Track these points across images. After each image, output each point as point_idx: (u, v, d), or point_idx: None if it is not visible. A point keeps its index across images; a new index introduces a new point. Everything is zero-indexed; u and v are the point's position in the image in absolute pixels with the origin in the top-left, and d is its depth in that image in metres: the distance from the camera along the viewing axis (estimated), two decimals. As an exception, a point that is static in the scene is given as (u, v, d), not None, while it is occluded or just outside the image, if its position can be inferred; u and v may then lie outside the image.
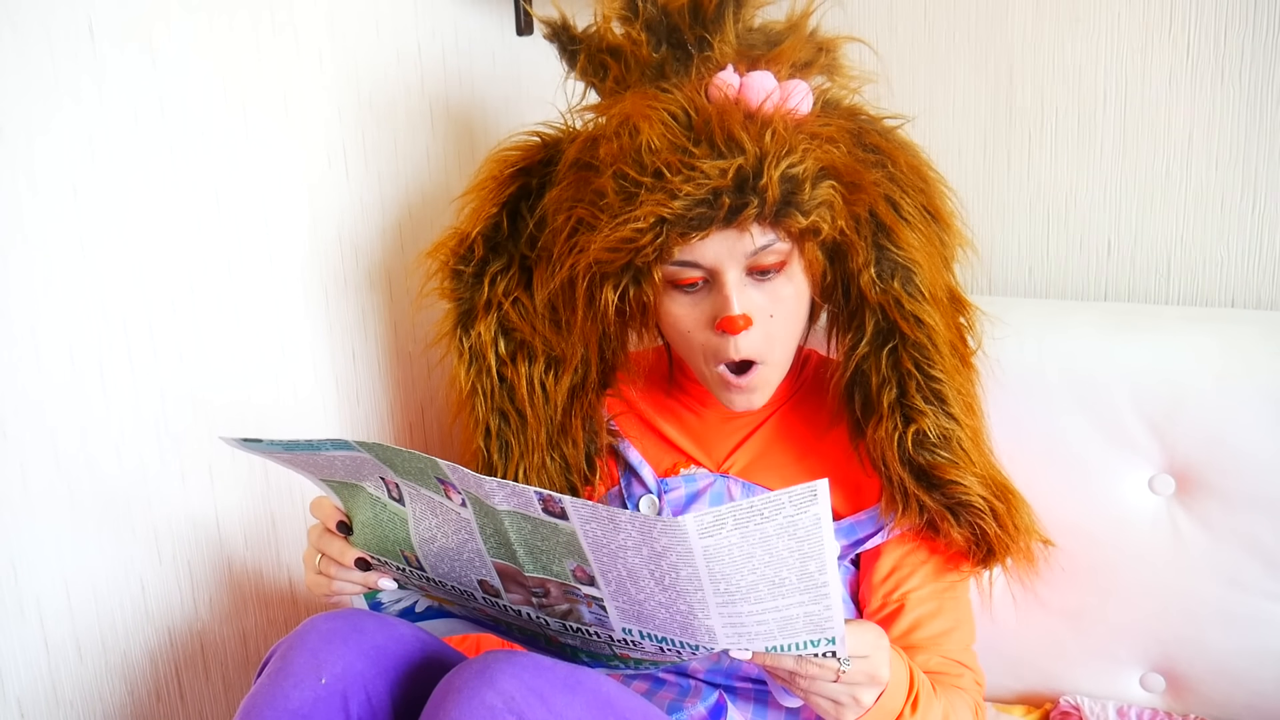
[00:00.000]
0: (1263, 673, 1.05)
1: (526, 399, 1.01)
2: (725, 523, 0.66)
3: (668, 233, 0.86)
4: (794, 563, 0.68)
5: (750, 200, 0.85)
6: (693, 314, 0.93)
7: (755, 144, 0.86)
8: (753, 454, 1.03)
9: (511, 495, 0.71)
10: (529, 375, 1.01)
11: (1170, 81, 1.19)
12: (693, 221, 0.86)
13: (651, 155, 0.87)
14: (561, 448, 1.03)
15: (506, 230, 1.03)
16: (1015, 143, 1.28)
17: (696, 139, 0.86)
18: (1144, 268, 1.24)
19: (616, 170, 0.89)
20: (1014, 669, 1.15)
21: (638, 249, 0.88)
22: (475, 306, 1.03)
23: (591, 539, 0.70)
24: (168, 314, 1.02)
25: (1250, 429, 1.02)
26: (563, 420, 1.02)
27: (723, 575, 0.68)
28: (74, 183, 0.94)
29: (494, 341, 1.02)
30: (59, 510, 0.96)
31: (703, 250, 0.89)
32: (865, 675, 0.77)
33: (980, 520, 0.94)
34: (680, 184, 0.85)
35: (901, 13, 1.30)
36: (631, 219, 0.87)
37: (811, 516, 0.65)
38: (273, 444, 0.79)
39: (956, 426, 0.93)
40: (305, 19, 1.10)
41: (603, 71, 0.99)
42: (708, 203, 0.85)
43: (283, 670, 0.81)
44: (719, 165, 0.85)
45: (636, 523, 0.67)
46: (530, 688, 0.72)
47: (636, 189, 0.87)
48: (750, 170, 0.85)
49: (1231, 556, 1.04)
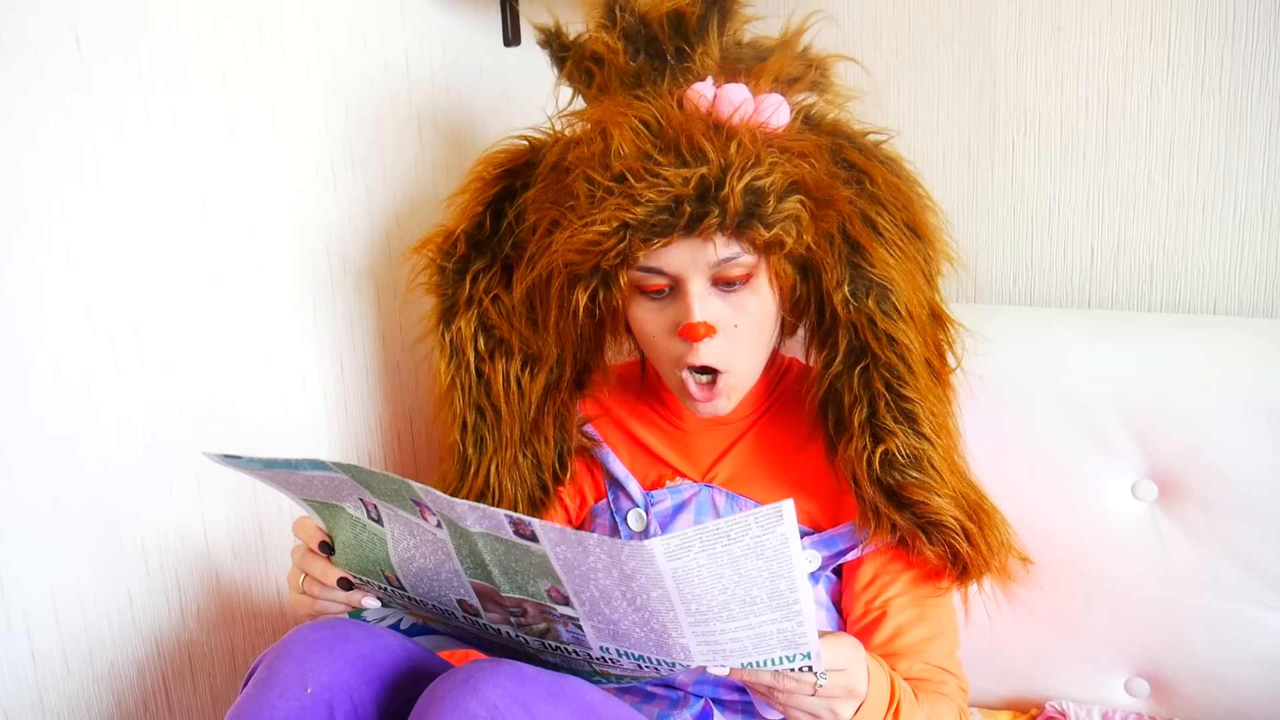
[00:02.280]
0: (1246, 677, 1.05)
1: (502, 395, 1.03)
2: (692, 545, 0.66)
3: (630, 238, 0.87)
4: (764, 582, 0.68)
5: (711, 210, 0.86)
6: (657, 319, 0.94)
7: (719, 154, 0.86)
8: (736, 465, 1.03)
9: (483, 518, 0.71)
10: (505, 372, 1.03)
11: (1151, 90, 1.20)
12: (654, 228, 0.87)
13: (618, 160, 0.88)
14: (534, 445, 1.04)
15: (490, 229, 1.05)
16: (998, 151, 1.28)
17: (663, 147, 0.87)
18: (1127, 274, 1.25)
19: (584, 174, 0.90)
20: (999, 674, 1.16)
21: (602, 252, 0.89)
22: (457, 302, 1.04)
23: (562, 561, 0.71)
24: (155, 325, 1.03)
25: (1232, 435, 1.03)
26: (536, 418, 1.03)
27: (693, 596, 0.69)
28: (61, 194, 0.94)
29: (474, 337, 1.03)
30: (46, 520, 0.96)
31: (667, 257, 0.89)
32: (842, 688, 0.77)
33: (952, 540, 0.94)
34: (643, 190, 0.86)
35: (885, 23, 1.31)
36: (595, 222, 0.88)
37: (779, 536, 0.65)
38: (252, 461, 0.80)
39: (928, 446, 0.93)
40: (293, 29, 1.11)
41: (588, 78, 1.00)
42: (669, 210, 0.86)
43: (268, 680, 0.81)
44: (682, 173, 0.86)
45: (604, 546, 0.68)
46: (514, 696, 0.72)
47: (601, 193, 0.88)
48: (713, 180, 0.86)
49: (1214, 562, 1.05)
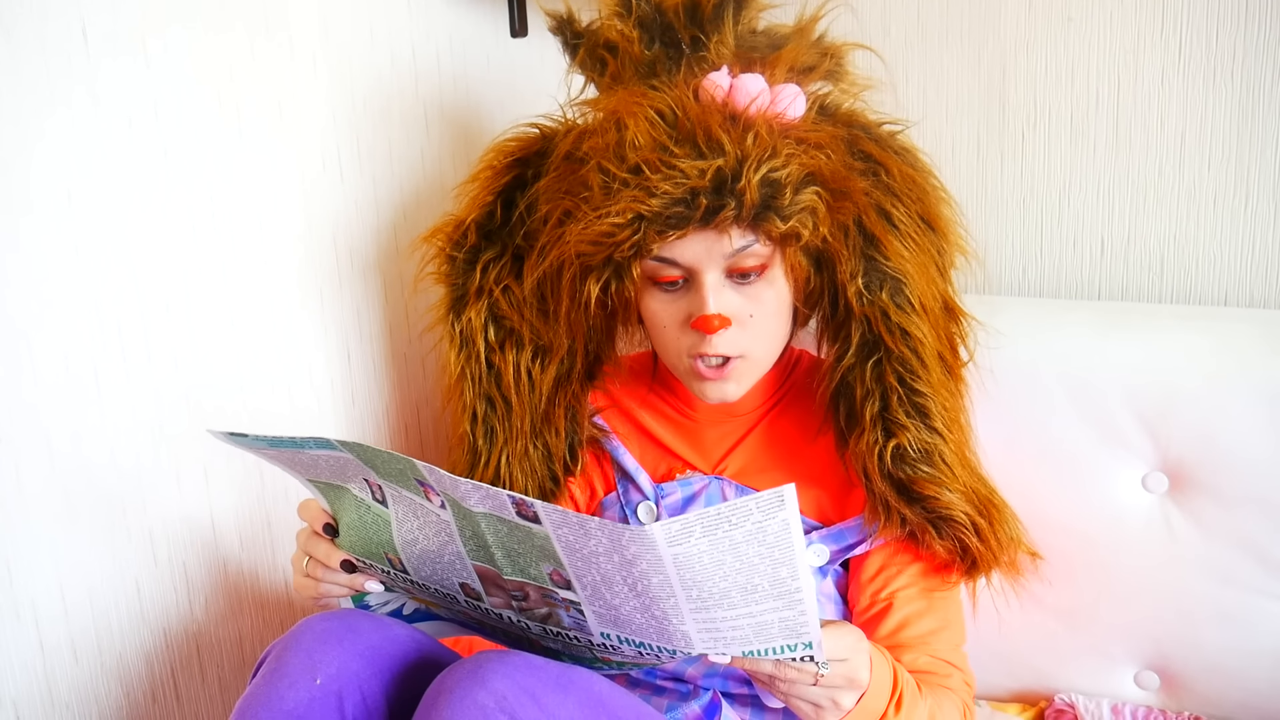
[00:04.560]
0: (1256, 670, 1.05)
1: (513, 386, 1.02)
2: (693, 530, 0.66)
3: (645, 230, 0.87)
4: (765, 569, 0.67)
5: (728, 202, 0.85)
6: (670, 310, 0.93)
7: (736, 146, 0.85)
8: (746, 457, 1.03)
9: (486, 497, 0.71)
10: (516, 362, 1.02)
11: (1162, 81, 1.19)
12: (670, 220, 0.86)
13: (634, 152, 0.87)
14: (545, 436, 1.03)
15: (500, 218, 1.04)
16: (1009, 142, 1.28)
17: (679, 138, 0.86)
18: (1137, 266, 1.25)
19: (599, 165, 0.89)
20: (1008, 667, 1.15)
21: (616, 244, 0.88)
22: (467, 292, 1.03)
23: (564, 543, 0.70)
24: (162, 317, 1.03)
25: (1243, 427, 1.02)
26: (547, 409, 1.02)
27: (694, 582, 0.68)
28: (68, 187, 0.94)
29: (484, 328, 1.02)
30: (54, 512, 0.97)
31: (681, 249, 0.89)
32: (844, 678, 0.77)
33: (962, 535, 0.94)
34: (659, 182, 0.85)
35: (895, 14, 1.30)
36: (609, 214, 0.87)
37: (780, 522, 0.65)
38: (258, 439, 0.80)
39: (939, 441, 0.93)
40: (299, 22, 1.10)
41: (600, 66, 0.99)
42: (685, 202, 0.85)
43: (277, 671, 0.81)
44: (698, 165, 0.85)
45: (605, 530, 0.67)
46: (522, 687, 0.72)
47: (617, 184, 0.87)
48: (729, 172, 0.85)
49: (1225, 554, 1.04)
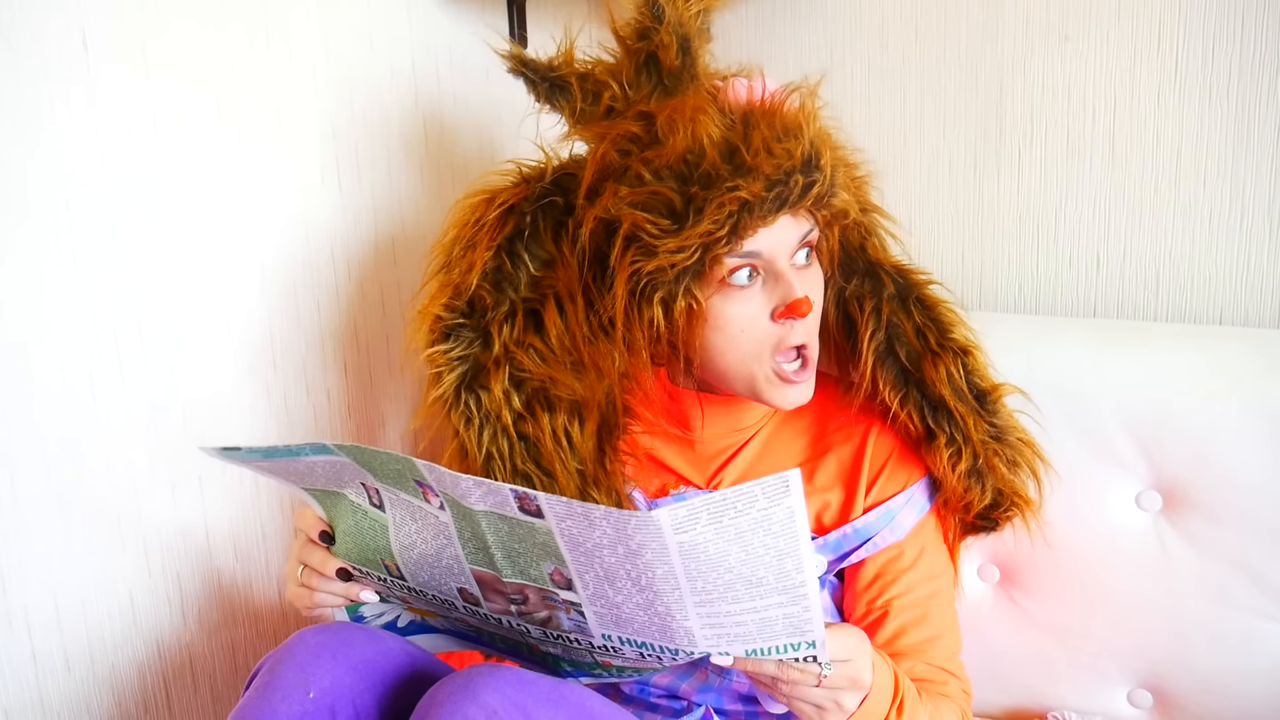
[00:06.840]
0: (1250, 689, 1.05)
1: (554, 453, 0.93)
2: (699, 517, 0.66)
3: (744, 217, 0.87)
4: (770, 560, 0.67)
5: (816, 178, 0.89)
6: (748, 309, 0.91)
7: (809, 125, 0.90)
8: (742, 468, 1.03)
9: (488, 494, 0.71)
10: (551, 426, 0.93)
11: (1159, 99, 1.20)
12: (773, 202, 0.87)
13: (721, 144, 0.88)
14: (592, 498, 0.95)
15: (510, 271, 0.96)
16: (1005, 159, 1.28)
17: (754, 126, 0.88)
18: (1133, 283, 1.25)
19: (677, 171, 0.88)
20: (1001, 684, 1.15)
21: (713, 239, 0.87)
22: (484, 364, 0.94)
23: (568, 537, 0.70)
24: (158, 326, 1.03)
25: (1237, 446, 1.02)
26: (595, 471, 0.95)
27: (699, 573, 0.68)
28: (66, 195, 0.95)
29: (506, 398, 0.93)
30: (48, 522, 0.97)
31: (765, 238, 0.89)
32: (847, 679, 0.77)
33: (1017, 454, 0.99)
34: (762, 163, 0.86)
35: (892, 30, 1.31)
36: (710, 210, 0.86)
37: (785, 509, 0.65)
38: (252, 452, 0.79)
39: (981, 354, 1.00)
40: (299, 33, 1.11)
41: (593, 98, 0.96)
42: (782, 182, 0.87)
43: (270, 684, 0.80)
44: (786, 146, 0.88)
45: (611, 518, 0.67)
46: (513, 701, 0.72)
47: (715, 178, 0.87)
48: (812, 150, 0.89)
49: (1218, 573, 1.04)
